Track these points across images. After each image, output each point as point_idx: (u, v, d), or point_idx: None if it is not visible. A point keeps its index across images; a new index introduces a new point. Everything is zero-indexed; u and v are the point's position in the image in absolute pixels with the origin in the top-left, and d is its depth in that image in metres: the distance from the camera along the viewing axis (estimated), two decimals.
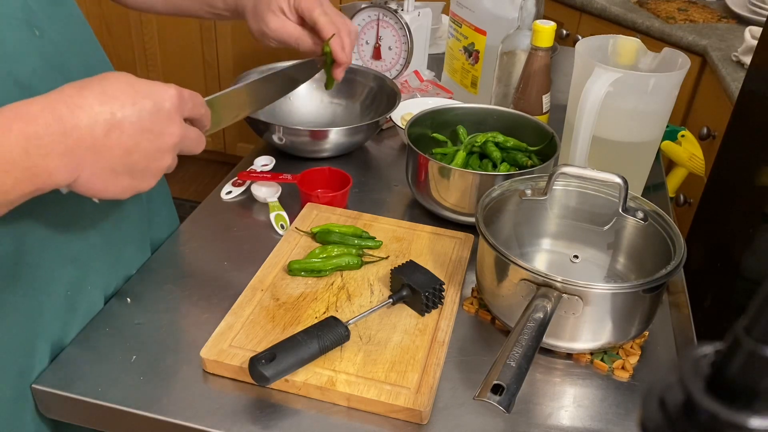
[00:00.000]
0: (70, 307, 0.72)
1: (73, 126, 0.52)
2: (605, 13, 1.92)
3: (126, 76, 0.57)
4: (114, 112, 0.54)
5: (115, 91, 0.55)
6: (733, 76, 1.49)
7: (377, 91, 1.18)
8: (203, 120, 0.65)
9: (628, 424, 0.67)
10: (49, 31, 0.67)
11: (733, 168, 1.24)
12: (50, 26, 0.67)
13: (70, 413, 0.69)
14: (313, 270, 0.81)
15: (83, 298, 0.74)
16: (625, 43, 1.02)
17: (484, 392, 0.57)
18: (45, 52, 0.66)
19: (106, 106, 0.54)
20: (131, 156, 0.56)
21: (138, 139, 0.56)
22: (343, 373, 0.68)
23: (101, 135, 0.54)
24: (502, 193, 0.83)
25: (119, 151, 0.55)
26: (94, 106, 0.53)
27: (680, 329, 0.80)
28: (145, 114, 0.56)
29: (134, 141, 0.56)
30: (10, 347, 0.66)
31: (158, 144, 0.57)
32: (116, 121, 0.54)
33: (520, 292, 0.71)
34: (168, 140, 0.58)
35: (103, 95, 0.54)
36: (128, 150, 0.56)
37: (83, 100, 0.53)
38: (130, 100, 0.55)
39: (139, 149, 0.56)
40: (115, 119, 0.54)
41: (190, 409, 0.66)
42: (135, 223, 0.82)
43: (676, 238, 0.75)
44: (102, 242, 0.76)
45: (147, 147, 0.57)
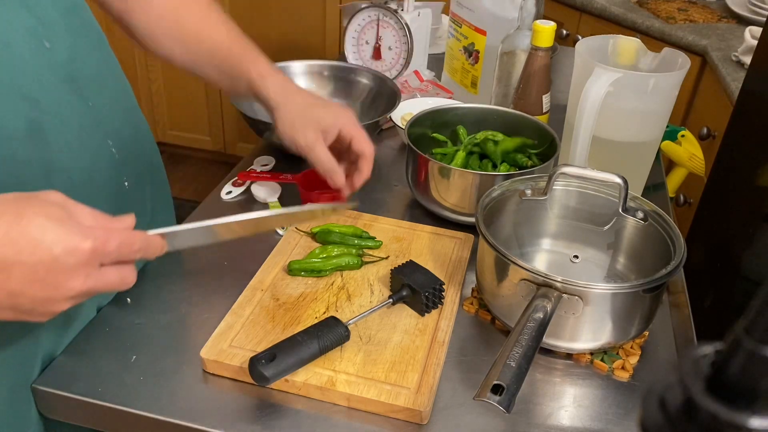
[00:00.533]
0: (65, 319, 0.72)
1: None
2: (605, 13, 1.92)
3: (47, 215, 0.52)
4: (6, 257, 0.50)
5: (17, 235, 0.50)
6: (733, 76, 1.49)
7: (377, 91, 1.18)
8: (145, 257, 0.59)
9: (628, 424, 0.67)
10: (60, 43, 0.67)
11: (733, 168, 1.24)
12: (62, 37, 0.67)
13: (70, 413, 0.69)
14: (313, 270, 0.81)
15: (78, 309, 0.74)
16: (625, 43, 1.02)
17: (484, 392, 0.57)
18: (54, 64, 0.66)
19: (2, 249, 0.50)
20: (15, 299, 0.52)
21: (25, 287, 0.51)
22: (343, 373, 0.68)
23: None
24: (502, 193, 0.83)
25: (2, 292, 0.51)
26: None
27: (680, 329, 0.80)
28: (40, 266, 0.51)
29: (20, 288, 0.51)
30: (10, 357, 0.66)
31: (49, 294, 0.53)
32: (6, 265, 0.50)
33: (520, 292, 0.71)
34: (63, 293, 0.53)
35: (5, 237, 0.50)
36: (12, 293, 0.52)
37: None
38: (29, 248, 0.50)
39: (25, 295, 0.52)
40: (5, 263, 0.50)
41: (190, 409, 0.66)
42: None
43: (676, 238, 0.75)
44: None
45: (35, 294, 0.52)
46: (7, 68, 0.61)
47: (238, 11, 2.51)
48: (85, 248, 0.52)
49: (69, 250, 0.51)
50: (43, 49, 0.64)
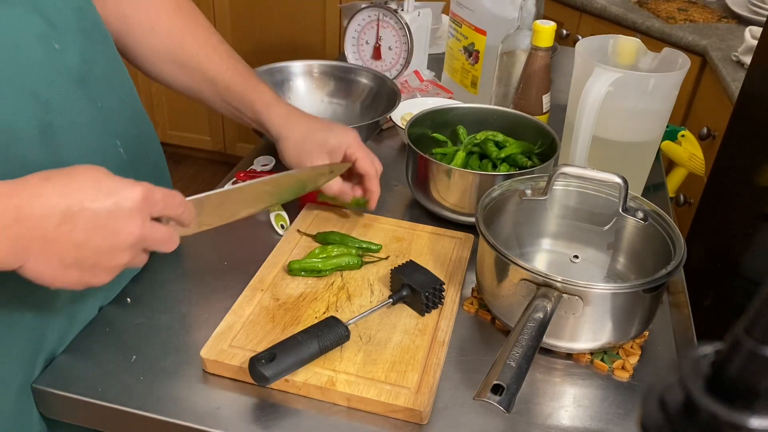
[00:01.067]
0: (69, 320, 0.73)
1: (27, 215, 0.52)
2: (605, 13, 1.92)
3: (96, 172, 0.56)
4: (70, 206, 0.53)
5: (78, 186, 0.54)
6: (733, 76, 1.49)
7: (377, 91, 1.18)
8: (182, 219, 0.63)
9: (628, 424, 0.67)
10: (69, 45, 0.67)
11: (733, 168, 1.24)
12: (71, 40, 0.67)
13: (70, 413, 0.69)
14: (313, 270, 0.81)
15: (82, 309, 0.74)
16: (625, 43, 1.02)
17: (484, 392, 0.57)
18: (65, 66, 0.66)
19: (64, 199, 0.53)
20: (81, 250, 0.55)
21: (90, 235, 0.55)
22: (343, 373, 0.68)
23: (53, 227, 0.53)
24: (502, 193, 0.83)
25: (68, 244, 0.54)
26: (52, 198, 0.53)
27: (680, 329, 0.80)
28: (102, 212, 0.55)
29: (85, 236, 0.54)
30: (18, 358, 0.66)
31: (112, 242, 0.56)
32: (70, 215, 0.53)
33: (520, 292, 0.71)
34: (123, 239, 0.56)
35: (65, 188, 0.54)
36: (78, 244, 0.55)
37: (43, 191, 0.53)
38: (90, 196, 0.54)
39: (90, 245, 0.55)
40: (69, 212, 0.53)
41: (190, 409, 0.66)
42: None
43: (676, 238, 0.75)
44: None
45: (99, 244, 0.55)
46: (19, 70, 0.61)
47: (238, 11, 2.51)
48: (139, 192, 0.56)
49: (125, 196, 0.56)
50: (53, 51, 0.65)
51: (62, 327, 0.71)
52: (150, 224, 0.58)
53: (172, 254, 0.78)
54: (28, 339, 0.67)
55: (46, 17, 0.64)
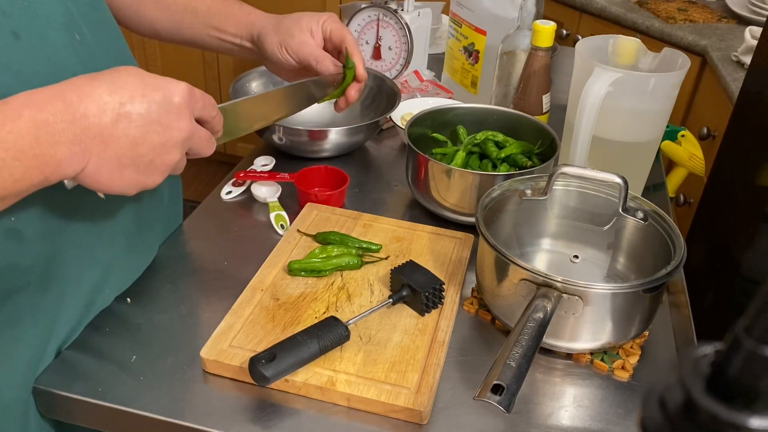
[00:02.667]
0: (86, 310, 0.73)
1: (81, 114, 0.53)
2: (605, 13, 1.92)
3: (137, 70, 0.57)
4: (123, 103, 0.54)
5: (125, 83, 0.55)
6: (733, 76, 1.49)
7: (377, 91, 1.18)
8: (214, 123, 0.64)
9: (628, 424, 0.67)
10: (87, 36, 0.68)
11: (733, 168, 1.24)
12: (88, 31, 0.68)
13: (70, 413, 0.69)
14: (313, 270, 0.81)
15: (99, 300, 0.75)
16: (625, 43, 1.02)
17: (484, 392, 0.57)
18: (84, 57, 0.67)
19: (115, 96, 0.54)
20: (138, 148, 0.56)
21: (145, 131, 0.56)
22: (343, 373, 0.68)
23: (109, 124, 0.54)
24: (502, 193, 0.83)
25: (126, 141, 0.55)
26: (103, 95, 0.54)
27: (680, 329, 0.80)
28: (153, 106, 0.56)
29: (141, 132, 0.56)
30: (30, 350, 0.67)
31: (166, 137, 0.57)
32: (124, 112, 0.54)
33: (520, 292, 0.71)
34: (176, 134, 0.58)
35: (112, 85, 0.54)
36: (135, 141, 0.56)
37: (93, 90, 0.53)
38: (139, 92, 0.55)
39: (146, 141, 0.56)
40: (123, 109, 0.54)
41: (190, 409, 0.66)
42: (155, 225, 0.83)
43: (676, 238, 0.75)
44: (126, 246, 0.76)
45: (154, 139, 0.57)
46: (45, 61, 0.62)
47: None
48: (184, 87, 0.58)
49: (172, 90, 0.57)
50: (75, 42, 0.65)
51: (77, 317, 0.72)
52: (194, 123, 0.60)
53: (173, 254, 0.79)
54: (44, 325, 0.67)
55: (67, 9, 0.65)
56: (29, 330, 0.66)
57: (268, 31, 0.89)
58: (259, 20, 0.89)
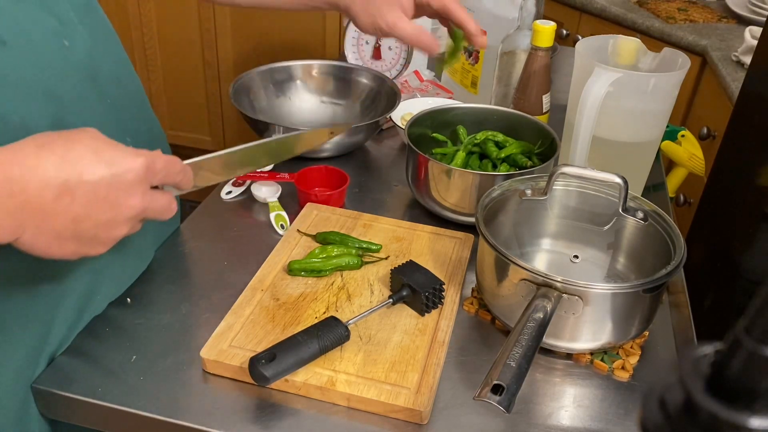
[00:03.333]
0: (78, 316, 0.73)
1: (21, 189, 0.49)
2: (605, 13, 1.92)
3: (93, 140, 0.53)
4: (68, 179, 0.51)
5: (75, 157, 0.51)
6: (733, 76, 1.49)
7: (377, 91, 1.18)
8: (181, 184, 0.61)
9: (628, 424, 0.67)
10: (78, 42, 0.67)
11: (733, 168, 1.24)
12: (80, 36, 0.68)
13: (70, 413, 0.69)
14: (313, 270, 0.81)
15: (90, 306, 0.74)
16: (625, 43, 1.02)
17: (484, 392, 0.57)
18: (75, 62, 0.66)
19: (61, 172, 0.51)
20: (80, 224, 0.53)
21: (89, 209, 0.53)
22: (343, 373, 0.68)
23: (50, 200, 0.51)
24: (502, 193, 0.83)
25: (67, 218, 0.52)
26: (48, 170, 0.50)
27: (680, 329, 0.80)
28: (102, 184, 0.52)
29: (85, 210, 0.52)
30: (22, 355, 0.67)
31: (112, 215, 0.54)
32: (69, 188, 0.51)
33: (520, 292, 0.71)
34: (124, 212, 0.55)
35: (61, 160, 0.51)
36: (77, 218, 0.52)
37: (39, 162, 0.50)
38: (89, 168, 0.52)
39: (90, 218, 0.53)
40: (68, 186, 0.51)
41: (190, 409, 0.66)
42: (150, 232, 0.83)
43: (676, 238, 0.75)
44: (117, 252, 0.76)
45: (99, 217, 0.53)
46: (32, 67, 0.62)
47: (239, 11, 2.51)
48: (140, 163, 0.54)
49: (126, 167, 0.54)
50: (63, 48, 0.65)
51: (70, 323, 0.71)
52: (150, 194, 0.57)
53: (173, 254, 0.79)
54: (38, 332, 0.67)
55: (55, 15, 0.65)
56: (21, 335, 0.66)
57: (357, 9, 0.84)
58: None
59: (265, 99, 1.18)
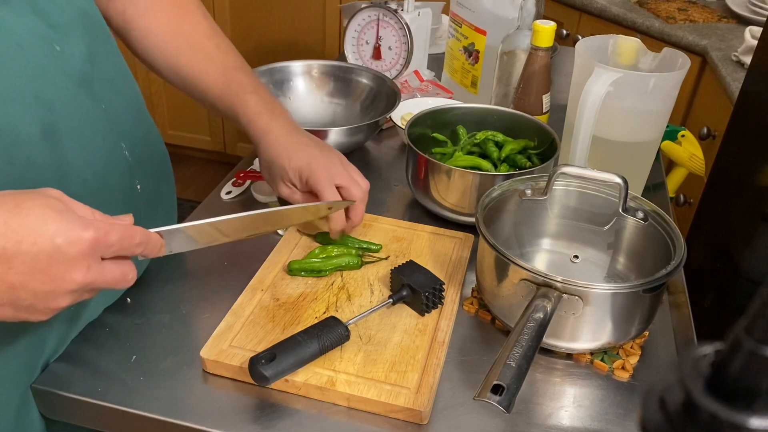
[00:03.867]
0: (73, 321, 0.72)
1: None
2: (605, 13, 1.92)
3: (43, 207, 0.51)
4: (6, 248, 0.49)
5: (17, 226, 0.50)
6: (733, 76, 1.49)
7: (377, 91, 1.18)
8: (145, 254, 0.59)
9: (628, 424, 0.67)
10: (72, 47, 0.67)
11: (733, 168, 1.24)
12: (73, 41, 0.67)
13: (70, 413, 0.69)
14: (313, 270, 0.81)
15: (86, 314, 0.74)
16: (625, 43, 1.02)
17: (484, 392, 0.57)
18: (67, 68, 0.66)
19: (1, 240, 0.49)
20: (15, 292, 0.51)
21: (26, 279, 0.51)
22: (343, 373, 0.68)
23: None
24: (502, 193, 0.83)
25: (2, 285, 0.50)
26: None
27: (680, 329, 0.80)
28: (42, 256, 0.50)
29: (21, 279, 0.50)
30: (20, 363, 0.66)
31: (51, 287, 0.52)
32: (7, 256, 0.49)
33: (520, 292, 0.71)
34: (65, 285, 0.52)
35: (4, 226, 0.49)
36: (12, 286, 0.51)
37: None
38: (30, 238, 0.50)
39: (26, 288, 0.51)
40: (6, 254, 0.49)
41: (190, 409, 0.66)
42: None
43: (676, 238, 0.75)
44: None
45: (37, 287, 0.51)
46: (22, 72, 0.61)
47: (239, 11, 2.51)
48: (87, 238, 0.51)
49: (71, 240, 0.51)
50: (54, 53, 0.64)
51: (64, 327, 0.71)
52: (98, 268, 0.54)
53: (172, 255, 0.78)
54: (28, 339, 0.67)
55: (46, 19, 0.64)
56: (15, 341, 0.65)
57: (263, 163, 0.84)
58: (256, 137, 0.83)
59: None
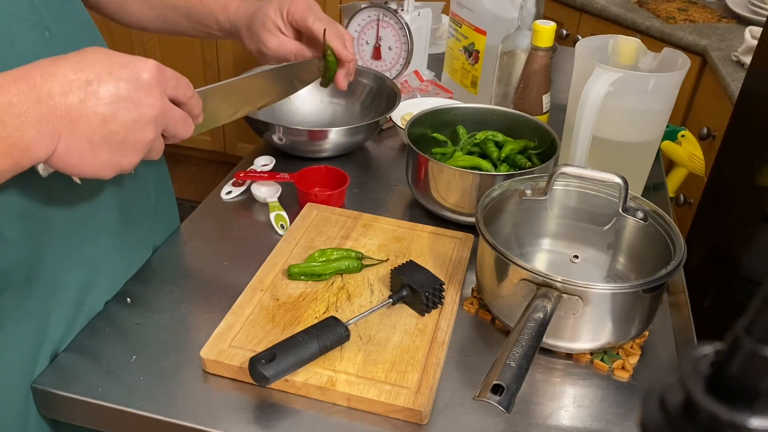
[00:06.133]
0: (76, 310, 0.73)
1: (46, 94, 0.51)
2: (605, 13, 1.92)
3: (104, 50, 0.56)
4: (89, 81, 0.53)
5: (91, 61, 0.54)
6: (733, 76, 1.49)
7: (377, 91, 1.18)
8: (192, 106, 0.63)
9: (628, 424, 0.67)
10: (58, 33, 0.67)
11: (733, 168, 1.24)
12: (59, 28, 0.67)
13: (70, 413, 0.69)
14: (313, 274, 0.81)
15: (89, 300, 0.74)
16: (625, 43, 1.02)
17: (484, 392, 0.57)
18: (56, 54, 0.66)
19: (81, 74, 0.53)
20: (108, 125, 0.54)
21: (115, 108, 0.54)
22: (343, 373, 0.68)
23: (77, 103, 0.52)
24: (502, 193, 0.83)
25: (96, 119, 0.54)
26: (68, 74, 0.52)
27: (680, 329, 0.80)
28: (122, 83, 0.55)
29: (111, 110, 0.54)
30: (20, 351, 0.67)
31: (137, 114, 0.56)
32: (92, 89, 0.53)
33: (520, 292, 0.71)
34: (147, 111, 0.56)
35: (78, 64, 0.53)
36: (105, 119, 0.54)
37: (57, 69, 0.52)
38: (106, 70, 0.54)
39: (117, 119, 0.55)
40: (90, 87, 0.53)
41: (190, 409, 0.66)
42: (143, 224, 0.83)
43: (676, 238, 0.75)
44: (112, 244, 0.76)
45: (125, 116, 0.55)
46: (15, 59, 0.61)
47: None
48: (151, 65, 0.57)
49: (140, 67, 0.56)
50: (44, 39, 0.65)
51: (68, 317, 0.71)
52: (167, 101, 0.59)
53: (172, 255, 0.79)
54: (34, 326, 0.67)
55: (35, 6, 0.64)
56: (17, 331, 0.66)
57: (243, 33, 0.88)
58: (235, 17, 0.88)
59: None
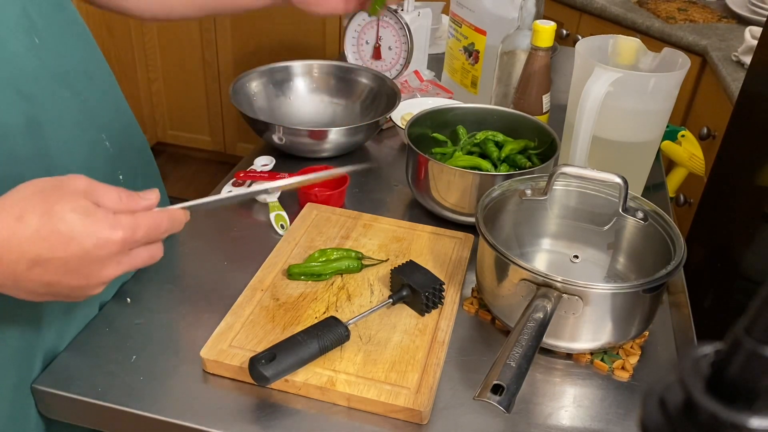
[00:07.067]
0: (66, 315, 0.72)
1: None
2: (605, 13, 1.92)
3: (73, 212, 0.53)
4: (39, 254, 0.52)
5: (48, 233, 0.52)
6: (733, 76, 1.49)
7: (377, 91, 1.18)
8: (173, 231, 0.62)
9: (628, 424, 0.67)
10: (48, 39, 0.67)
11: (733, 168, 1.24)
12: (50, 33, 0.67)
13: (70, 413, 0.69)
14: (313, 274, 0.81)
15: (80, 305, 0.74)
16: (625, 43, 1.02)
17: (484, 392, 0.57)
18: (45, 60, 0.66)
19: (34, 246, 0.52)
20: (52, 288, 0.55)
21: (61, 278, 0.54)
22: (343, 373, 0.68)
23: (23, 270, 0.53)
24: (502, 193, 0.83)
25: (39, 283, 0.54)
26: (22, 244, 0.52)
27: (680, 329, 0.80)
28: (74, 259, 0.53)
29: (57, 279, 0.54)
30: (12, 357, 0.66)
31: (86, 282, 0.55)
32: (41, 261, 0.52)
33: (520, 292, 0.71)
34: (98, 280, 0.56)
35: (35, 235, 0.52)
36: (49, 283, 0.54)
37: (14, 235, 0.51)
38: (62, 245, 0.52)
39: (62, 284, 0.55)
40: (40, 259, 0.52)
41: (190, 409, 0.66)
42: None
43: (676, 238, 0.75)
44: None
45: (71, 283, 0.55)
46: (3, 65, 0.61)
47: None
48: (116, 240, 0.54)
49: (100, 244, 0.53)
50: (34, 45, 0.65)
51: (60, 322, 0.71)
52: (128, 259, 0.57)
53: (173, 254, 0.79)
54: (23, 333, 0.67)
55: (25, 11, 0.64)
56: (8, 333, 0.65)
57: None
58: None
59: (265, 99, 1.18)
